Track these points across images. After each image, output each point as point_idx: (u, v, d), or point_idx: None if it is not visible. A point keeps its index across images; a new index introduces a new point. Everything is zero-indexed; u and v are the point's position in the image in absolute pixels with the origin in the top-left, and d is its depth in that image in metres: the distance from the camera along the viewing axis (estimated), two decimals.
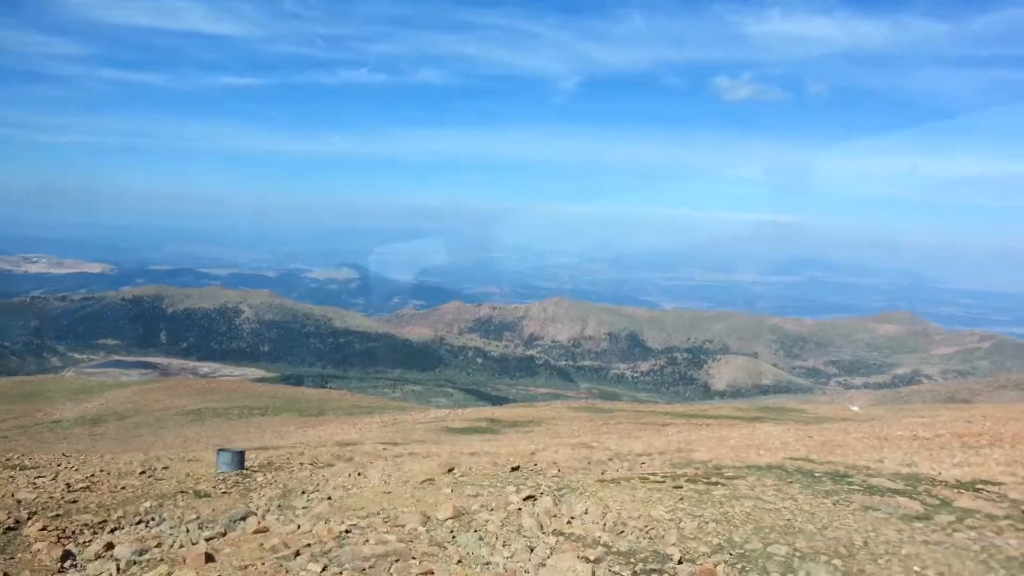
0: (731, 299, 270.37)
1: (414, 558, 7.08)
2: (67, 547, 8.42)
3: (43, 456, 18.00)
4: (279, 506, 10.59)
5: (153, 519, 9.75)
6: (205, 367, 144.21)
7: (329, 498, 10.68)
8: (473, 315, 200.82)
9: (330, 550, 7.31)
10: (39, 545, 8.50)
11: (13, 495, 10.91)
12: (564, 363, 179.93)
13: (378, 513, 9.15)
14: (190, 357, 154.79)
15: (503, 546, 7.65)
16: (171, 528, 9.32)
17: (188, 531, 9.04)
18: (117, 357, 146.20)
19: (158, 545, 8.42)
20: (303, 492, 11.63)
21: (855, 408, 38.62)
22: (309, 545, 7.49)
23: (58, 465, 15.14)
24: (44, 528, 9.02)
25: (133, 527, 9.44)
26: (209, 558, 7.20)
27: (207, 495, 11.57)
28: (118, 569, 7.61)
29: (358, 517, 8.90)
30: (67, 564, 7.99)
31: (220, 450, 14.70)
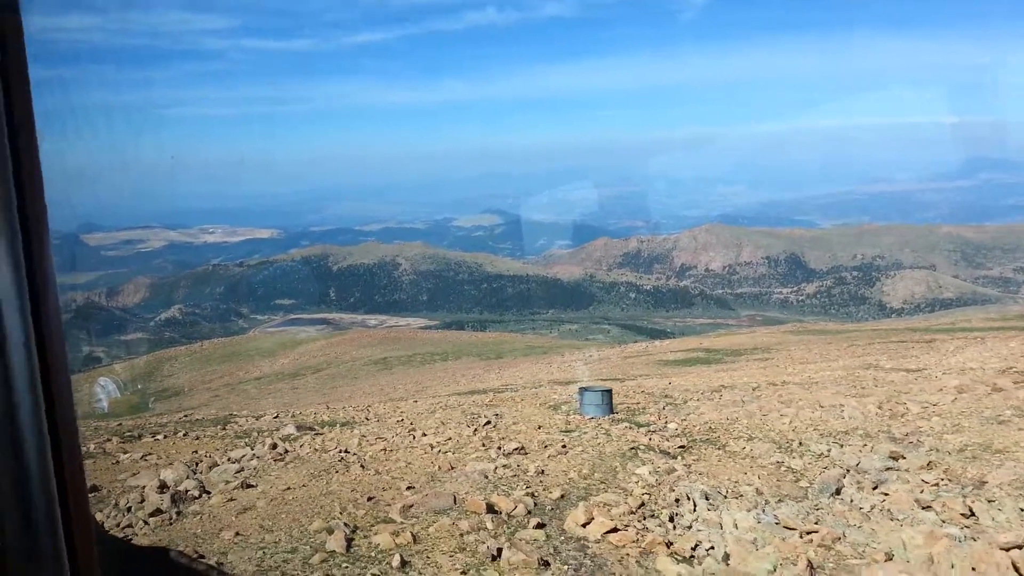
0: (897, 211, 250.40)
1: None
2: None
3: (314, 411, 18.83)
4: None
5: (673, 491, 7.21)
6: (373, 319, 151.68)
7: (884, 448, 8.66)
8: (621, 250, 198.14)
9: None
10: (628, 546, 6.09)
11: (454, 466, 8.42)
12: (721, 291, 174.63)
13: None
14: (358, 311, 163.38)
15: None
16: (748, 517, 6.78)
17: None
18: (294, 316, 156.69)
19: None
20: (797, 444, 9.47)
21: None
22: None
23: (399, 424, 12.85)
24: (591, 520, 6.51)
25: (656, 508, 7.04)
26: None
27: (667, 453, 9.15)
28: None
29: None
30: None
31: (583, 390, 12.36)
